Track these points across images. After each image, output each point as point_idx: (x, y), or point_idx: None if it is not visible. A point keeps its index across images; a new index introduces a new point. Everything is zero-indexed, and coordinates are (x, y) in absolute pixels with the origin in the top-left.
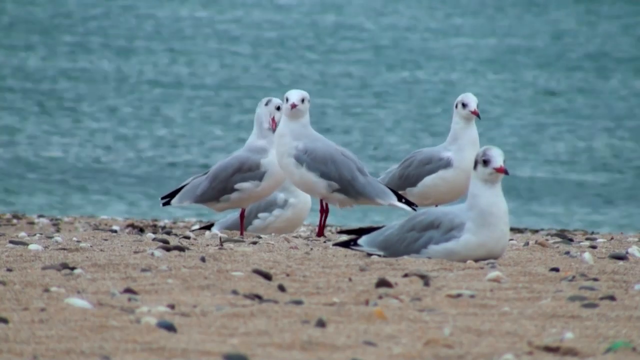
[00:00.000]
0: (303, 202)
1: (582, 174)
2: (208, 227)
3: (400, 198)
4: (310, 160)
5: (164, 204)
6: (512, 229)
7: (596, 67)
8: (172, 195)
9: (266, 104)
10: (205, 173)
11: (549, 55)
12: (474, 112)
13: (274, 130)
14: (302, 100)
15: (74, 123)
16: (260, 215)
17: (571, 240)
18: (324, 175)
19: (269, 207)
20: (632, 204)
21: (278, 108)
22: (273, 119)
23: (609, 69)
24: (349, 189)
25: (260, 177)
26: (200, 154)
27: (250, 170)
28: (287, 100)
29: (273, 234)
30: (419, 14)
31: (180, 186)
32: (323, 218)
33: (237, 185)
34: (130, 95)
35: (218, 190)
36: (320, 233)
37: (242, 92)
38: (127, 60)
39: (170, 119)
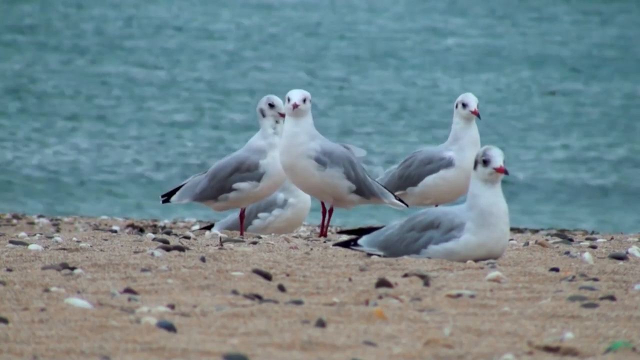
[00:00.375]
0: (303, 202)
1: (566, 173)
2: (208, 227)
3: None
4: (330, 161)
5: (164, 201)
6: (512, 229)
7: (584, 67)
8: (172, 193)
9: (270, 107)
10: (206, 171)
11: (538, 55)
12: (474, 112)
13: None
14: (304, 100)
15: (59, 124)
16: (260, 215)
17: (571, 240)
18: (345, 176)
19: (268, 207)
20: (615, 202)
21: (271, 105)
22: (282, 115)
23: (597, 69)
24: (364, 189)
25: (258, 178)
26: (186, 154)
27: (249, 171)
28: (288, 100)
29: (273, 234)
30: (407, 13)
31: (180, 184)
32: (326, 219)
33: (235, 185)
34: (118, 94)
35: (216, 189)
36: (324, 234)
37: (227, 92)
38: (114, 60)
39: (157, 118)
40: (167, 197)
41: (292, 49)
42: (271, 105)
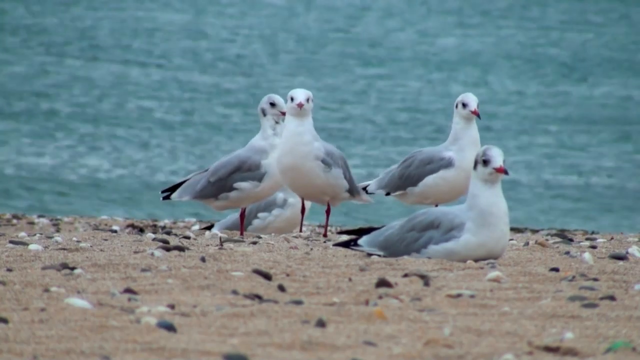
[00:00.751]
0: None
1: (555, 175)
2: (208, 227)
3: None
4: (333, 162)
5: (164, 198)
6: (512, 229)
7: (578, 68)
8: (172, 189)
9: (272, 106)
10: (207, 170)
11: (529, 55)
12: (474, 112)
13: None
14: (307, 100)
15: (50, 127)
16: (260, 215)
17: (571, 240)
18: (344, 176)
19: (268, 206)
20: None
21: (272, 104)
22: (283, 113)
23: (591, 70)
24: (352, 188)
25: (259, 178)
26: (177, 156)
27: (250, 170)
28: (292, 99)
29: (273, 234)
30: (396, 13)
31: (181, 181)
32: (327, 219)
33: (236, 185)
34: (110, 97)
35: (217, 188)
36: (324, 234)
37: (214, 91)
38: (105, 63)
39: (147, 118)
40: (167, 192)
41: (281, 50)
42: (272, 104)
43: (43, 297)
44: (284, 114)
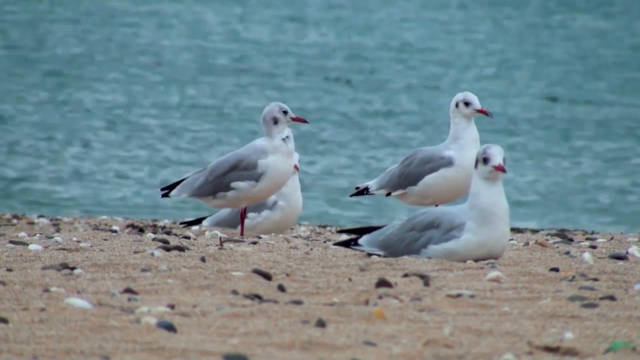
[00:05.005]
0: (292, 207)
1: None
2: (195, 222)
3: None
4: None
5: (163, 196)
6: (512, 229)
7: (577, 67)
8: (171, 187)
9: (284, 113)
10: (206, 168)
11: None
12: (481, 111)
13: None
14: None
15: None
16: (249, 215)
17: (571, 240)
18: None
19: (258, 207)
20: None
21: (285, 112)
22: (294, 119)
23: (590, 69)
24: None
25: (256, 178)
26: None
27: (247, 170)
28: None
29: (273, 234)
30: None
31: (180, 179)
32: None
33: (233, 184)
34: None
35: (214, 186)
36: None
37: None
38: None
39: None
40: (166, 190)
41: (281, 46)
42: (285, 112)
43: (43, 297)
44: (296, 120)
